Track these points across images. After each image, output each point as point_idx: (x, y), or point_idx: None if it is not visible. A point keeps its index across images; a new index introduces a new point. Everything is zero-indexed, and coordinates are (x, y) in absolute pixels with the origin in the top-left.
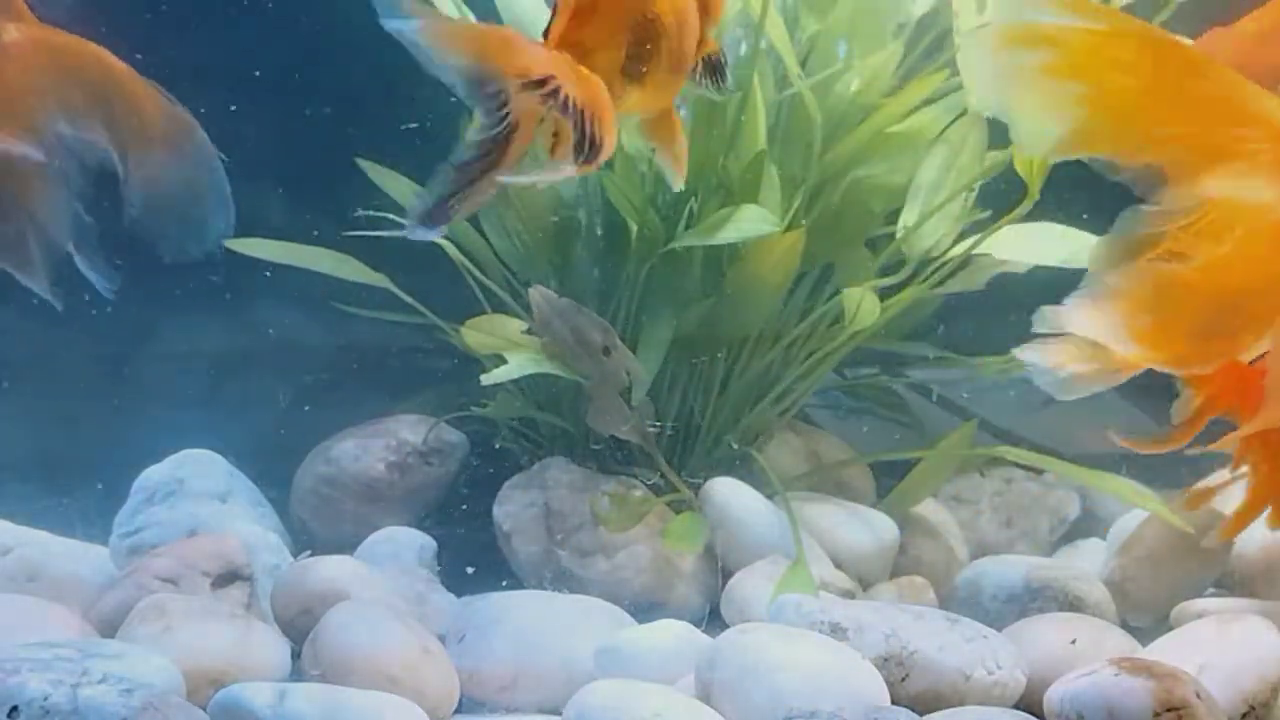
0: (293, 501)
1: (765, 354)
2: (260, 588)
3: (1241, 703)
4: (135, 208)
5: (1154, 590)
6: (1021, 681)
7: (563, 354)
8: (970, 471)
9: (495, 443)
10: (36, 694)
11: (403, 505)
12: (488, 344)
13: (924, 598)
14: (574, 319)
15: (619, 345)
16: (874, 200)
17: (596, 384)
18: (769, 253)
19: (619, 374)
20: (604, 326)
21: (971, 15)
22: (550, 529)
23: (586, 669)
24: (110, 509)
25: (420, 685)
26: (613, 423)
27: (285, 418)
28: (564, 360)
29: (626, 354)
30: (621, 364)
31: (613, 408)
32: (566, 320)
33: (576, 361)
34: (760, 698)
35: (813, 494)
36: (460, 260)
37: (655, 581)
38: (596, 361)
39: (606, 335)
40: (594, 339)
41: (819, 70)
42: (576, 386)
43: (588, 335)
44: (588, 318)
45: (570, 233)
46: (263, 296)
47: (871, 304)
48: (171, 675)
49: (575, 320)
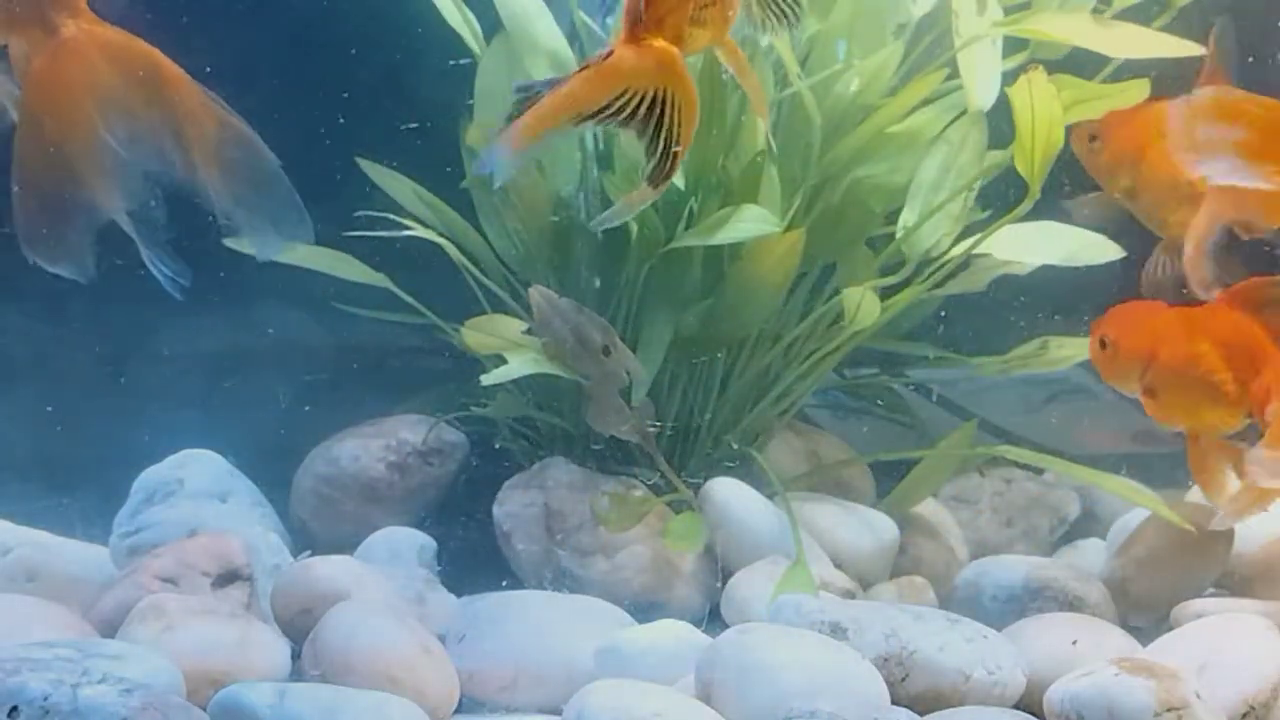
0: (293, 501)
1: (765, 354)
2: (260, 588)
3: (1241, 703)
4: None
5: (1154, 590)
6: (1021, 681)
7: (562, 354)
8: (970, 471)
9: (495, 443)
10: (36, 694)
11: (403, 505)
12: (488, 344)
13: (924, 598)
14: (574, 319)
15: (619, 345)
16: (874, 200)
17: (596, 384)
18: (769, 253)
19: (619, 374)
20: (604, 326)
21: (971, 16)
22: (550, 529)
23: (586, 669)
24: (110, 509)
25: (420, 685)
26: (613, 423)
27: (285, 418)
28: (564, 360)
29: (626, 353)
30: (622, 364)
31: (613, 408)
32: (566, 320)
33: (576, 361)
34: (760, 698)
35: (813, 494)
36: (460, 260)
37: (655, 581)
38: (596, 361)
39: (606, 335)
40: (594, 339)
41: (819, 70)
42: (576, 386)
43: (588, 335)
44: (588, 317)
45: (570, 233)
46: (263, 296)
47: (871, 304)
48: (171, 675)
49: (575, 320)
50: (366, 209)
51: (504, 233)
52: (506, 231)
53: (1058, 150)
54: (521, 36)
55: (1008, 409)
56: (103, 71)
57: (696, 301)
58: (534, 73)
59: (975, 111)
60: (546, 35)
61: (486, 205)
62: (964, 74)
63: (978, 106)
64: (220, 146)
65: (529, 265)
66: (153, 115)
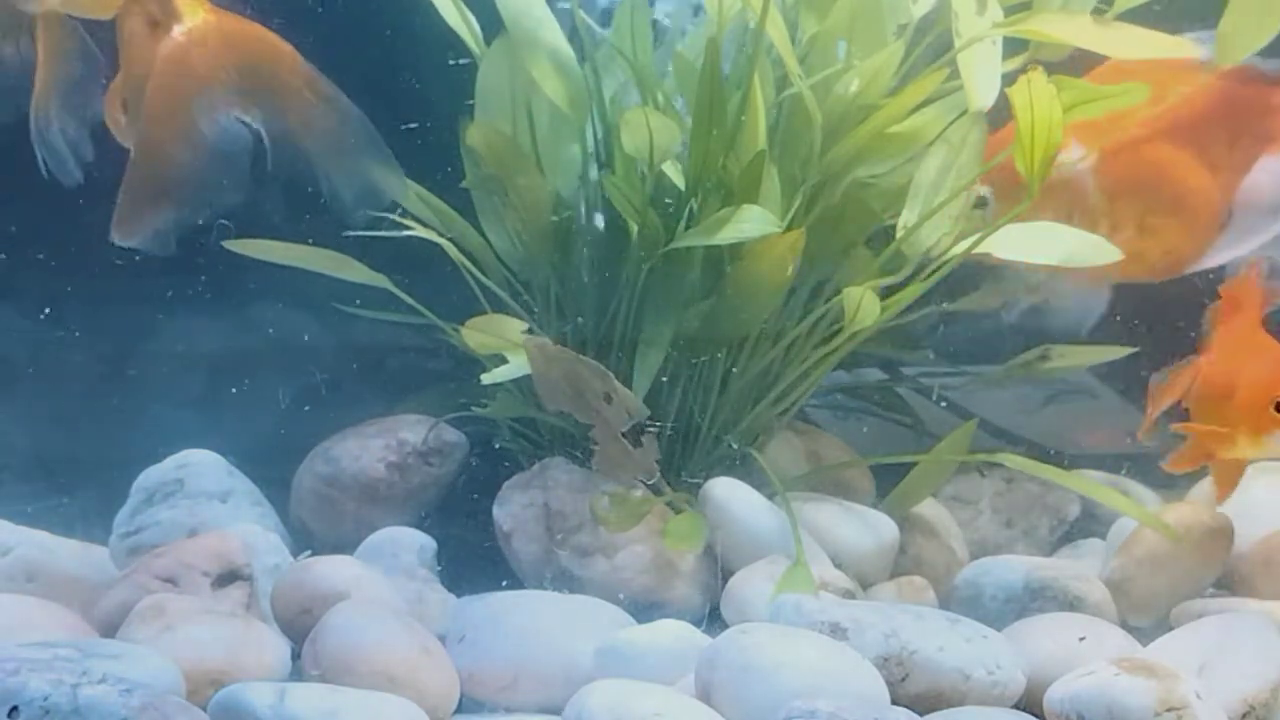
0: (293, 501)
1: (765, 354)
2: (260, 588)
3: (1241, 703)
4: (311, 178)
5: (1154, 590)
6: (1021, 681)
7: (560, 403)
8: (970, 471)
9: (495, 443)
10: (36, 694)
11: (403, 505)
12: (488, 344)
13: (924, 598)
14: (571, 368)
15: (618, 389)
16: (874, 200)
17: (600, 431)
18: (769, 253)
19: (621, 418)
20: (601, 372)
21: (971, 15)
22: (550, 529)
23: (586, 669)
24: (110, 509)
25: (420, 685)
26: (621, 468)
27: (285, 418)
28: (560, 408)
29: (627, 395)
30: (623, 409)
31: (619, 453)
32: (563, 370)
33: (576, 411)
34: (760, 698)
35: (813, 494)
36: (460, 260)
37: (655, 581)
38: (597, 409)
39: (605, 381)
40: (593, 387)
41: (819, 70)
42: None
43: (586, 383)
44: (585, 365)
45: (570, 233)
46: (263, 296)
47: (871, 304)
48: (171, 675)
49: (573, 369)
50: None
51: (504, 233)
52: (506, 231)
53: (1058, 150)
54: (523, 36)
55: (1007, 409)
56: (228, 56)
57: (696, 301)
58: (535, 73)
59: (975, 112)
60: (548, 35)
61: (486, 205)
62: (964, 74)
63: (978, 107)
64: (326, 119)
65: (529, 265)
66: (269, 98)
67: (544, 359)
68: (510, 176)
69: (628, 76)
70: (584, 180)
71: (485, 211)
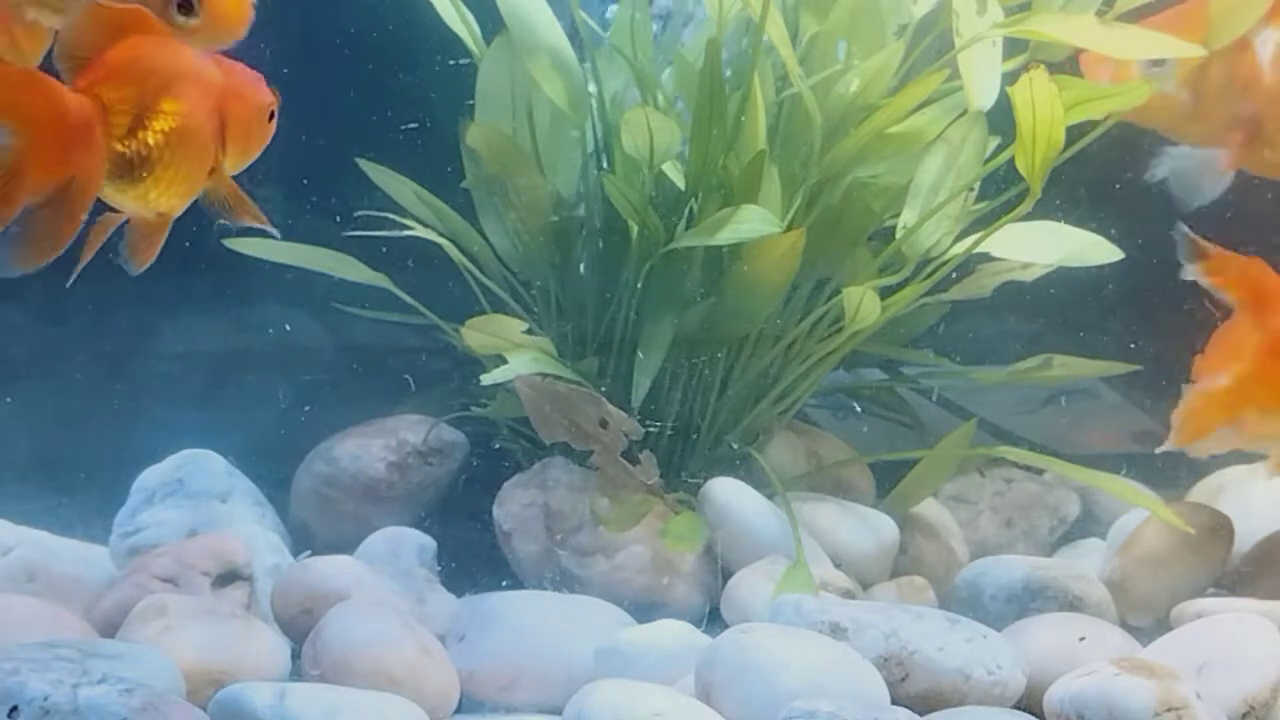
0: (293, 501)
1: (765, 354)
2: (260, 588)
3: (1241, 703)
4: None
5: (1154, 590)
6: (1021, 681)
7: (555, 434)
8: (970, 471)
9: (495, 443)
10: (36, 694)
11: (403, 505)
12: (488, 344)
13: (924, 598)
14: (563, 399)
15: (613, 412)
16: (874, 200)
17: (600, 456)
18: (769, 253)
19: (618, 441)
20: (594, 398)
21: (971, 15)
22: (550, 529)
23: (586, 669)
24: (110, 509)
25: (420, 685)
26: (623, 488)
27: (285, 418)
28: (556, 437)
29: (622, 418)
30: (619, 431)
31: (620, 475)
32: (555, 401)
33: (574, 440)
34: (760, 698)
35: (813, 494)
36: (460, 260)
37: (655, 581)
38: (594, 436)
39: (599, 407)
40: (587, 413)
41: (819, 70)
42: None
43: (580, 411)
44: (576, 393)
45: (570, 233)
46: (263, 296)
47: (871, 304)
48: (171, 675)
49: (564, 399)
50: (367, 209)
51: (504, 233)
52: (506, 231)
53: (1058, 150)
54: (523, 36)
55: (1008, 409)
56: None
57: (696, 301)
58: (535, 73)
59: (975, 112)
60: (548, 34)
61: (486, 205)
62: (964, 74)
63: (978, 107)
64: None
65: (529, 265)
66: None
67: (534, 394)
68: (510, 176)
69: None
70: (584, 180)
71: (485, 211)
